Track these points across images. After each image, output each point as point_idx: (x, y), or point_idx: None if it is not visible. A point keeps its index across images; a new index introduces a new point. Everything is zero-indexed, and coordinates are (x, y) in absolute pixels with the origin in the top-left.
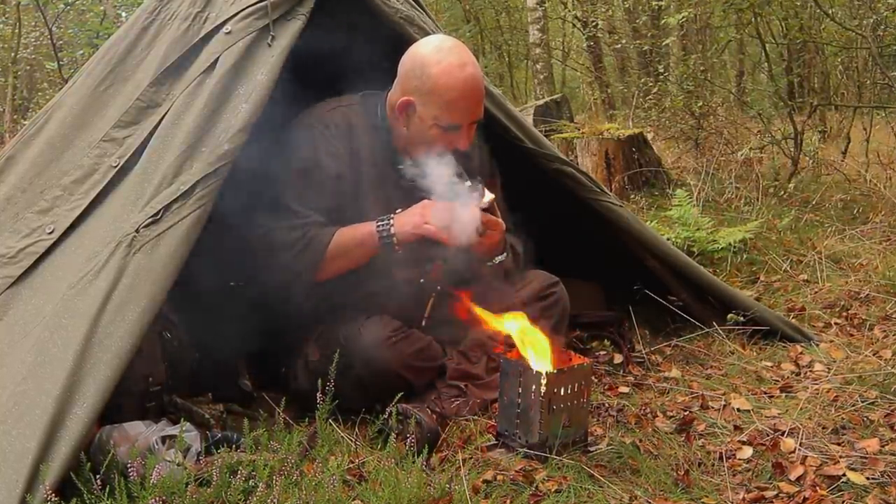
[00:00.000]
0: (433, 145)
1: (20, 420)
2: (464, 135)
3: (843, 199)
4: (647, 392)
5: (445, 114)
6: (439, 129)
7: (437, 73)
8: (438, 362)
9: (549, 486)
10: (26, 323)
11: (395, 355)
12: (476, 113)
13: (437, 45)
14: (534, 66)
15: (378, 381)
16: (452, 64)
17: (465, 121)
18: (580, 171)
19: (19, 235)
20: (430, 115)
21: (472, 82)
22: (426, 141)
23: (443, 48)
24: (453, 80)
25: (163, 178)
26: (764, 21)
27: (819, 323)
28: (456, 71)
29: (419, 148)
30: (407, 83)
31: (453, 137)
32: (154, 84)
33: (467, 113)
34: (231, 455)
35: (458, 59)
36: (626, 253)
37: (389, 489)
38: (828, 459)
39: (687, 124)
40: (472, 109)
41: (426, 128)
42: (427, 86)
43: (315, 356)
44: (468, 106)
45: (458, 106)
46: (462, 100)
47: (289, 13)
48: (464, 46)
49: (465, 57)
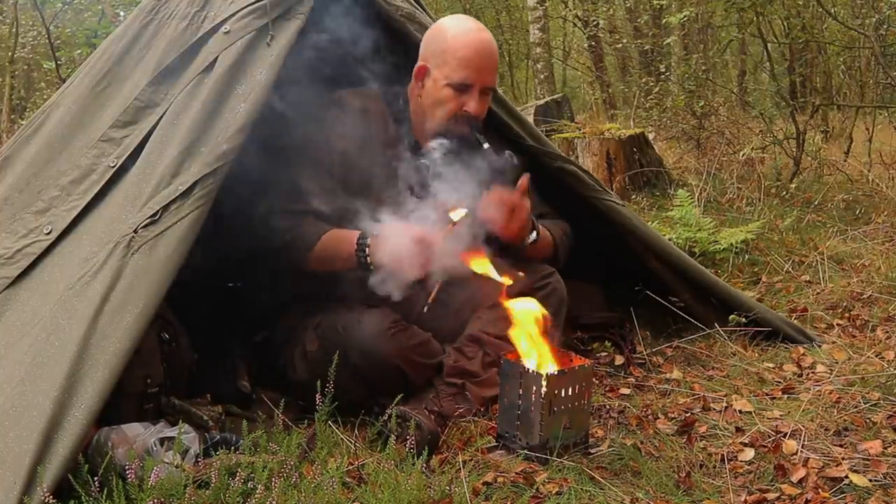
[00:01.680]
0: (444, 107)
1: (17, 422)
2: (474, 96)
3: (845, 200)
4: (649, 394)
5: (457, 71)
6: (451, 88)
7: (452, 35)
8: (437, 360)
9: (549, 488)
10: (24, 324)
11: (394, 347)
12: (488, 78)
13: (457, 17)
14: (534, 66)
15: (375, 373)
16: (469, 27)
17: (477, 80)
18: (582, 170)
19: (16, 236)
20: (443, 74)
21: (485, 44)
22: (438, 102)
23: (462, 18)
24: (467, 39)
25: (161, 179)
26: (766, 20)
27: (821, 324)
28: (471, 32)
29: (431, 113)
30: (425, 50)
31: (464, 98)
32: (152, 84)
33: (478, 72)
34: (230, 457)
35: (475, 25)
36: (628, 253)
37: (389, 491)
38: (830, 461)
39: (688, 124)
40: (483, 70)
41: (438, 89)
42: (442, 46)
43: (313, 346)
44: (480, 64)
45: (469, 63)
46: (474, 57)
47: (288, 12)
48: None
49: (481, 25)
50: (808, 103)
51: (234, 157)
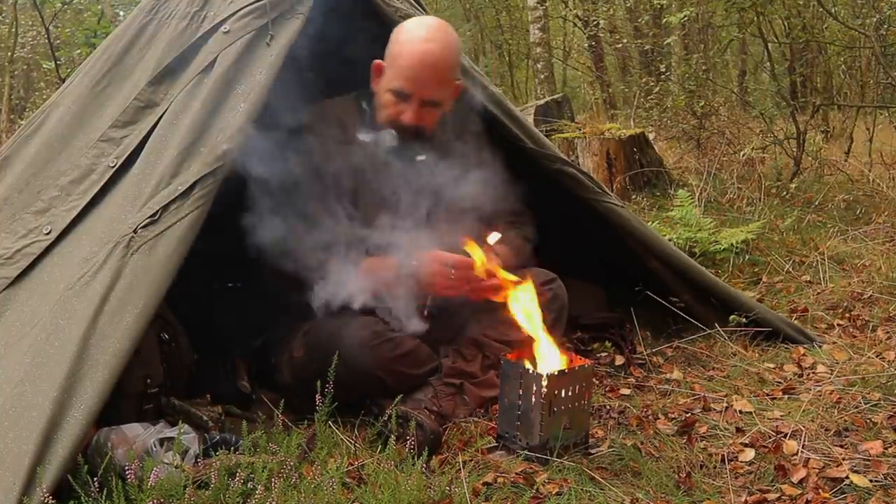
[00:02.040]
0: (386, 110)
1: (17, 422)
2: (412, 108)
3: (846, 200)
4: (649, 394)
5: (397, 77)
6: (392, 94)
7: (402, 40)
8: (424, 369)
9: (549, 488)
10: (23, 324)
11: (375, 358)
12: (429, 90)
13: (419, 20)
14: (534, 66)
15: (355, 382)
16: (419, 35)
17: (415, 92)
18: (581, 172)
19: (16, 236)
20: (388, 78)
21: (428, 56)
22: (382, 104)
23: (423, 22)
24: (412, 48)
25: (161, 179)
26: (766, 20)
27: (822, 324)
28: (418, 41)
29: (379, 112)
30: (386, 48)
31: (401, 107)
32: (152, 83)
33: (417, 84)
34: (229, 457)
35: (427, 34)
36: (628, 254)
37: (389, 492)
38: (830, 462)
39: (689, 124)
40: (423, 82)
41: (383, 91)
42: (393, 50)
43: (299, 353)
44: (419, 76)
45: (409, 73)
46: (415, 68)
47: (287, 12)
48: (446, 30)
49: (435, 35)
50: (808, 103)
51: (233, 157)
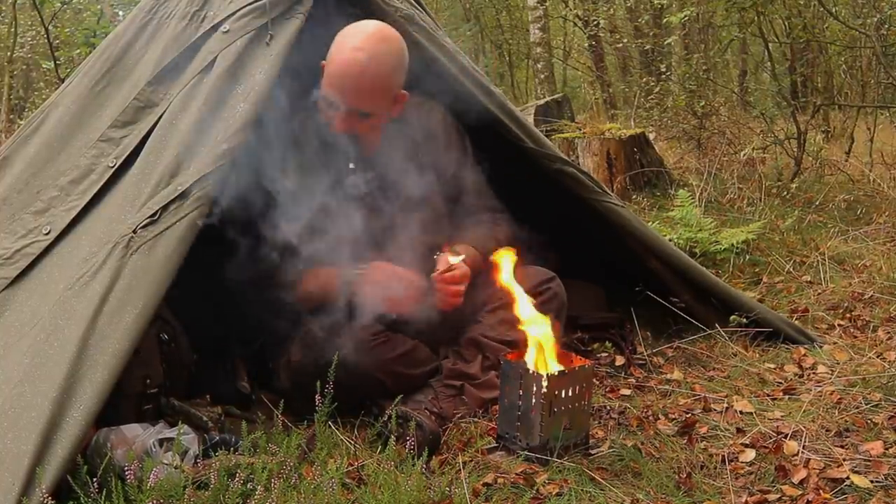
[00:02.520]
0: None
1: (16, 422)
2: (340, 115)
3: (846, 200)
4: (649, 394)
5: (327, 83)
6: (323, 99)
7: (336, 46)
8: (423, 369)
9: (550, 489)
10: (22, 325)
11: (374, 360)
12: (355, 100)
13: (360, 25)
14: (535, 66)
15: (355, 384)
16: (350, 44)
17: (341, 101)
18: (581, 172)
19: (15, 236)
20: (322, 83)
21: (354, 66)
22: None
23: (361, 27)
24: (342, 57)
25: (160, 179)
26: (767, 20)
27: (822, 325)
28: (347, 51)
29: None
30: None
31: (331, 113)
32: (151, 83)
33: (341, 93)
34: (229, 458)
35: (358, 43)
36: (628, 254)
37: (389, 492)
38: (831, 462)
39: (689, 124)
40: (347, 92)
41: (320, 95)
42: (329, 55)
43: (297, 356)
44: (344, 86)
45: (334, 82)
46: (340, 77)
47: (287, 12)
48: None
49: (367, 45)
50: (809, 103)
51: (232, 157)
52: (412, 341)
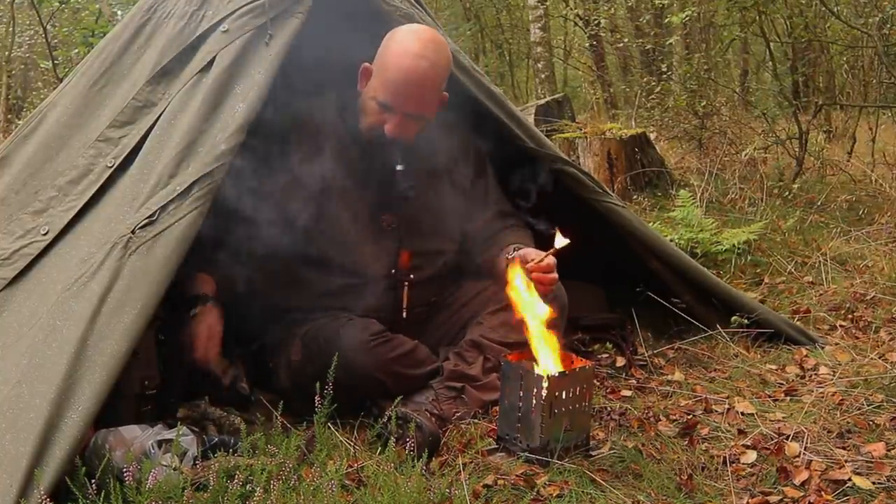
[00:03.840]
0: (368, 118)
1: (14, 424)
2: (395, 120)
3: (848, 200)
4: (650, 395)
5: (382, 89)
6: (375, 102)
7: (393, 51)
8: (423, 369)
9: (550, 490)
10: (20, 325)
11: (374, 360)
12: (414, 106)
13: (414, 29)
14: (535, 65)
15: (355, 385)
16: (411, 50)
17: (399, 107)
18: (582, 172)
19: (13, 237)
20: (373, 87)
21: (417, 73)
22: (366, 110)
23: (417, 33)
24: (402, 63)
25: (159, 179)
26: (768, 19)
27: (824, 325)
28: (409, 57)
29: (362, 115)
30: (377, 52)
31: (385, 117)
32: (150, 83)
33: (402, 99)
34: (228, 459)
35: (419, 50)
36: (629, 254)
37: (389, 494)
38: (833, 464)
39: (690, 124)
40: (408, 99)
41: (368, 98)
42: (382, 59)
43: (297, 356)
44: (405, 93)
45: (394, 88)
46: (401, 84)
47: (286, 11)
48: (441, 45)
49: (427, 52)
50: (810, 103)
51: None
52: (412, 342)
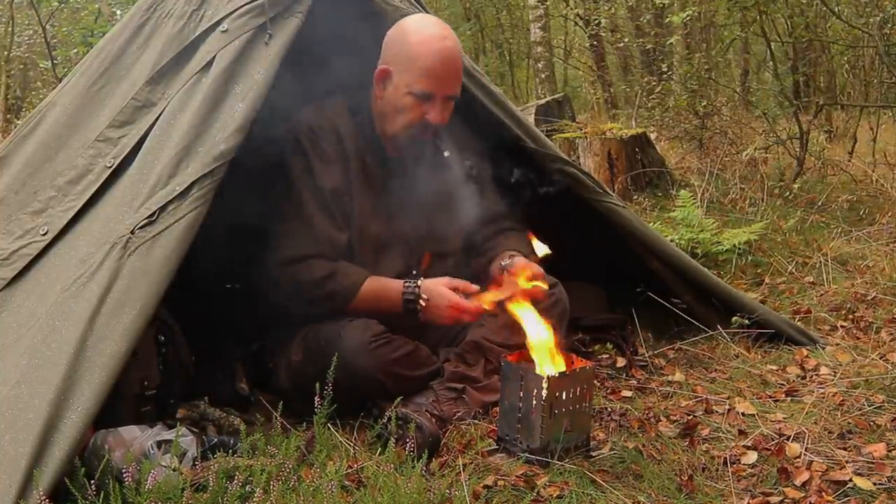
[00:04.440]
0: (404, 115)
1: (13, 424)
2: (437, 106)
3: (849, 200)
4: (651, 396)
5: (420, 80)
6: (413, 96)
7: (416, 41)
8: (424, 371)
9: (550, 491)
10: (20, 326)
11: (375, 361)
12: (451, 87)
13: (419, 18)
14: (535, 65)
15: (355, 386)
16: (432, 34)
17: (439, 91)
18: (582, 172)
19: (12, 237)
20: (405, 82)
21: (449, 53)
22: (399, 109)
23: (425, 20)
24: (431, 48)
25: (158, 179)
26: (769, 19)
27: (825, 326)
28: (435, 40)
29: (391, 118)
30: (388, 52)
31: (426, 107)
32: (149, 83)
33: (441, 82)
34: (228, 460)
35: (439, 31)
36: (629, 255)
37: (388, 495)
38: (834, 465)
39: (691, 124)
40: (446, 80)
41: (399, 96)
42: (405, 52)
43: (297, 357)
44: (443, 75)
45: (433, 73)
46: (438, 67)
47: (286, 11)
48: (446, 25)
49: (445, 31)
50: (811, 103)
51: (231, 157)
52: (413, 343)
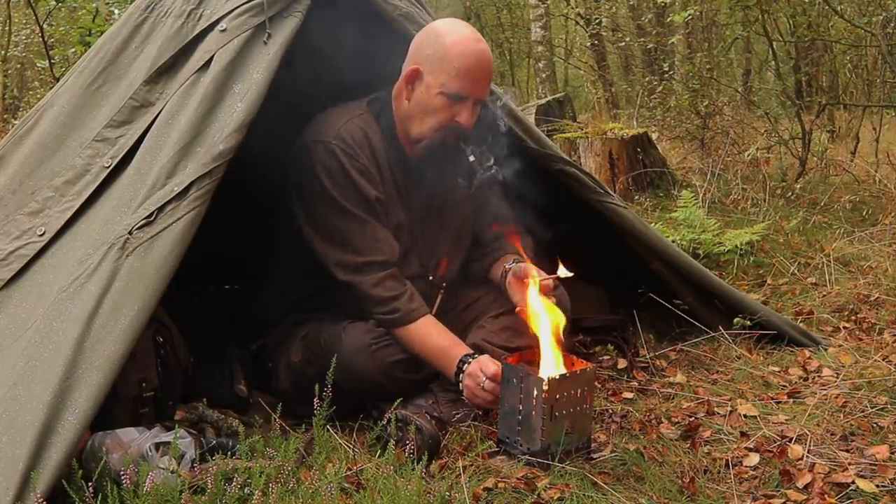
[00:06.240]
0: (435, 116)
1: (10, 426)
2: (468, 108)
3: (851, 201)
4: (652, 398)
5: (454, 81)
6: (445, 98)
7: (451, 42)
8: (423, 373)
9: (551, 493)
10: (17, 327)
11: (375, 363)
12: (483, 90)
13: (453, 21)
14: (536, 65)
15: (355, 387)
16: (467, 36)
17: (472, 93)
18: (583, 172)
19: (9, 238)
20: (438, 82)
21: (484, 55)
22: (429, 111)
23: (457, 23)
24: (466, 49)
25: (156, 179)
26: (771, 18)
27: (827, 327)
28: (470, 42)
29: (419, 120)
30: (418, 53)
31: (457, 109)
32: (147, 83)
33: (475, 84)
34: (226, 462)
35: (472, 34)
36: (631, 255)
37: (388, 497)
38: (836, 467)
39: (692, 124)
40: (480, 82)
41: (431, 96)
42: (439, 53)
43: (297, 357)
44: (478, 77)
45: (467, 75)
46: (473, 69)
47: (285, 10)
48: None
49: (478, 35)
50: (814, 102)
51: (230, 157)
52: None
